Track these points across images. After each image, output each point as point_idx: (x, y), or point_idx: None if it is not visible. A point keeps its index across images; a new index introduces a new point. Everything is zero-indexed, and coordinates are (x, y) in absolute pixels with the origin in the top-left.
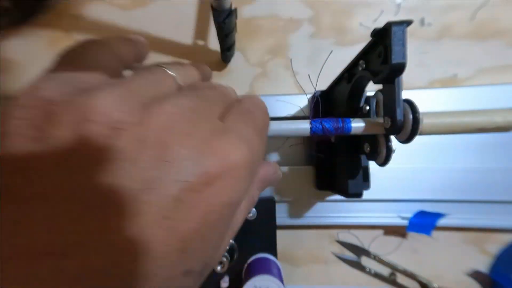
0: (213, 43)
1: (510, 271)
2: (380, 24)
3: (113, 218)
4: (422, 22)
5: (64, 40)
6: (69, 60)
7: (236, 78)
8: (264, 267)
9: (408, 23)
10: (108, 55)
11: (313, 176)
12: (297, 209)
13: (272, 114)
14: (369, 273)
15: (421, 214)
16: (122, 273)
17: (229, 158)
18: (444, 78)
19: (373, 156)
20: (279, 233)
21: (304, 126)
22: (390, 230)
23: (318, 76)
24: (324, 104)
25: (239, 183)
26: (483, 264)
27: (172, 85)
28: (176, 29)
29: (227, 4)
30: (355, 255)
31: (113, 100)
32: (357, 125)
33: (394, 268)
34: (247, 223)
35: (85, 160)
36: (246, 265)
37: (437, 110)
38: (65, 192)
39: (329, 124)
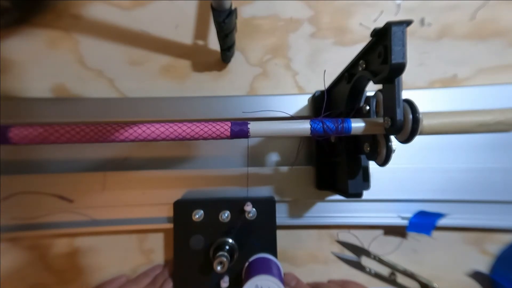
0: (213, 43)
1: (510, 271)
2: (380, 24)
3: None
4: (422, 22)
5: (64, 40)
6: None
7: (236, 78)
8: (264, 267)
9: (408, 23)
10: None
11: (313, 176)
12: (297, 209)
13: (273, 114)
14: (369, 273)
15: (421, 214)
16: None
17: None
18: (444, 78)
19: (373, 156)
20: (279, 233)
21: (304, 126)
22: (390, 230)
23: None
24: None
25: None
26: (483, 264)
27: None
28: (176, 29)
29: (227, 4)
30: (355, 255)
31: None
32: (357, 125)
33: (394, 268)
34: (247, 223)
35: None
36: (246, 265)
37: (437, 110)
38: None
39: (329, 124)
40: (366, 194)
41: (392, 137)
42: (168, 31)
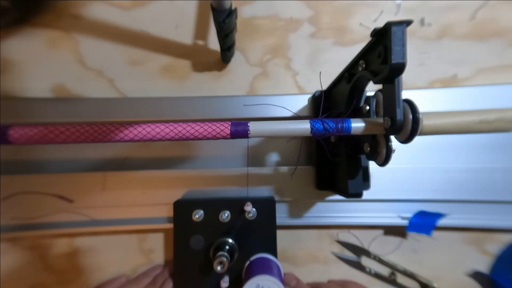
0: (213, 43)
1: (510, 271)
2: (380, 24)
3: None
4: (422, 22)
5: (64, 40)
6: None
7: (236, 78)
8: (264, 267)
9: (408, 23)
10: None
11: (313, 176)
12: (297, 209)
13: (273, 114)
14: (369, 273)
15: (421, 214)
16: None
17: None
18: (444, 78)
19: (373, 156)
20: (279, 233)
21: (304, 126)
22: (390, 230)
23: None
24: (324, 104)
25: None
26: (483, 264)
27: None
28: (176, 29)
29: (227, 4)
30: (355, 255)
31: None
32: (357, 125)
33: (394, 268)
34: (247, 223)
35: None
36: (246, 265)
37: (437, 110)
38: None
39: (329, 124)
40: (366, 194)
41: (392, 137)
42: (168, 31)
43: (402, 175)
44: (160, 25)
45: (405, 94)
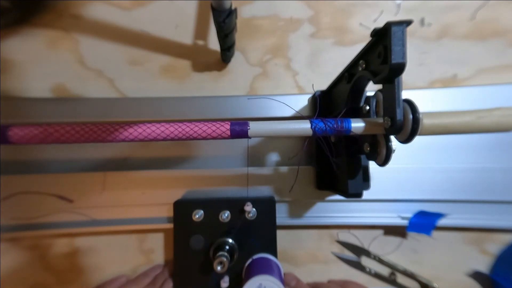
0: (213, 43)
1: (510, 271)
2: (380, 24)
3: None
4: (422, 22)
5: (64, 40)
6: None
7: (236, 78)
8: (264, 267)
9: (408, 23)
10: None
11: (313, 176)
12: (297, 209)
13: (273, 114)
14: (369, 273)
15: (421, 214)
16: None
17: None
18: (444, 78)
19: (373, 156)
20: (279, 233)
21: (305, 126)
22: (390, 230)
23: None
24: (324, 104)
25: None
26: (483, 264)
27: None
28: (176, 29)
29: (227, 4)
30: (355, 255)
31: None
32: (357, 125)
33: (394, 268)
34: (247, 223)
35: None
36: (246, 265)
37: (437, 110)
38: None
39: (329, 124)
40: (366, 194)
41: (392, 137)
42: (168, 31)
43: (402, 175)
44: (160, 25)
45: (405, 94)
